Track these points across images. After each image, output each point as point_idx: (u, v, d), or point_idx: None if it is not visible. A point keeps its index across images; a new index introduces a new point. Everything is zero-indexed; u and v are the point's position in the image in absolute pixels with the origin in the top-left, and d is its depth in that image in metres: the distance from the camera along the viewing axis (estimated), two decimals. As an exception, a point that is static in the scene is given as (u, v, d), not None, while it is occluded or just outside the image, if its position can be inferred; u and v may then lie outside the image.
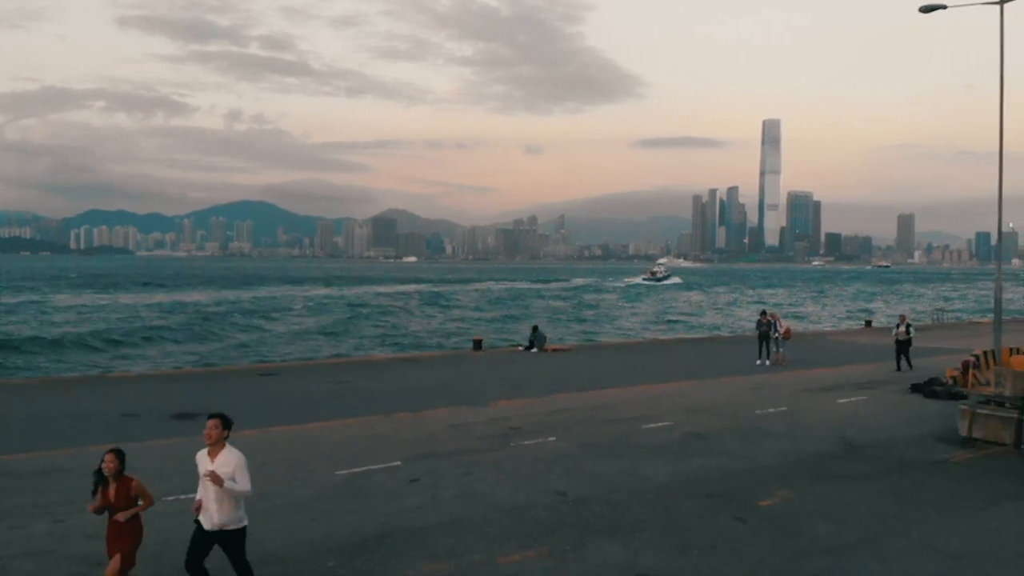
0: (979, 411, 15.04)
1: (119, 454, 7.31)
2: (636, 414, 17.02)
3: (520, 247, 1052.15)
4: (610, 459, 13.34)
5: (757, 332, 26.50)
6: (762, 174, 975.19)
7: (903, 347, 23.37)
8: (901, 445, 14.65)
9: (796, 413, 17.36)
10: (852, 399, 19.19)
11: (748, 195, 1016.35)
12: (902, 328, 23.68)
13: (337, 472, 12.31)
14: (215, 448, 7.16)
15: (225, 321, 58.14)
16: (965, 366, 20.30)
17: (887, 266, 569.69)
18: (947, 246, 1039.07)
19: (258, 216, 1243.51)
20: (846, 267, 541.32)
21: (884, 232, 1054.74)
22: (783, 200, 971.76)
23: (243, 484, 7.06)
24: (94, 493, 7.28)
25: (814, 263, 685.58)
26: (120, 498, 7.19)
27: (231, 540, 7.18)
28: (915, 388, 20.08)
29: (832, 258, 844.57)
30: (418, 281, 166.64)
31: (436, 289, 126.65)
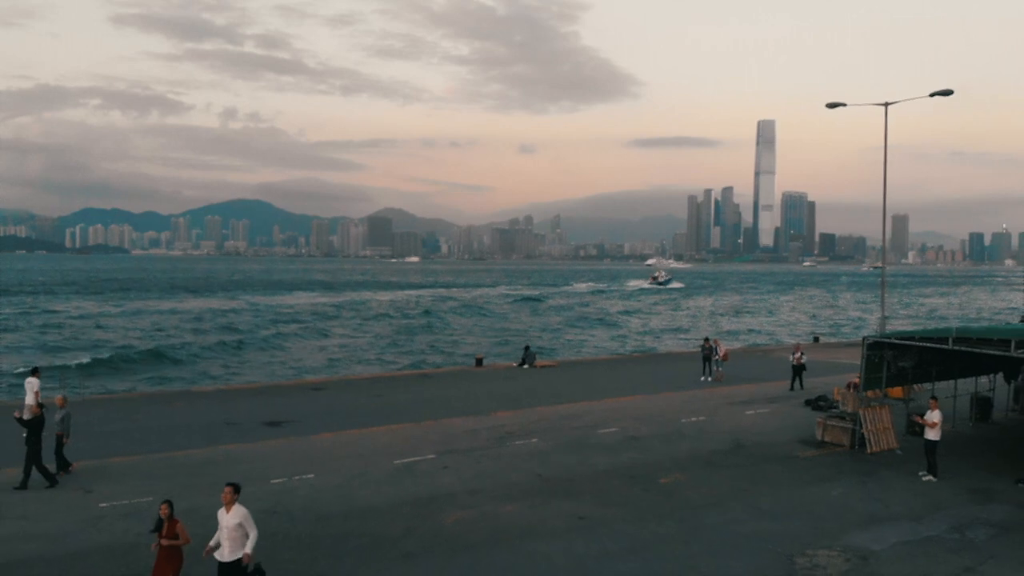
0: (828, 422, 21.78)
1: (170, 504, 11.04)
2: (594, 422, 23.71)
3: (516, 246, 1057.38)
4: (571, 453, 20.04)
5: (702, 353, 33.20)
6: (757, 174, 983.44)
7: (797, 371, 29.97)
8: (773, 445, 21.35)
9: (711, 421, 24.07)
10: (758, 411, 25.91)
11: (743, 195, 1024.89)
12: (797, 355, 30.31)
13: (395, 461, 18.99)
14: (229, 505, 10.74)
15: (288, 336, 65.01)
16: (850, 386, 26.91)
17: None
18: (941, 247, 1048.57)
19: (253, 215, 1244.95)
20: (842, 268, 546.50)
21: (878, 232, 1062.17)
22: (777, 200, 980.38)
23: (253, 532, 10.70)
24: (153, 531, 11.10)
25: (805, 264, 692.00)
26: (169, 534, 10.84)
27: (238, 565, 10.74)
28: (807, 403, 26.74)
29: (826, 258, 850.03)
30: (448, 286, 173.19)
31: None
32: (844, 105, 30.32)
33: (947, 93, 27.58)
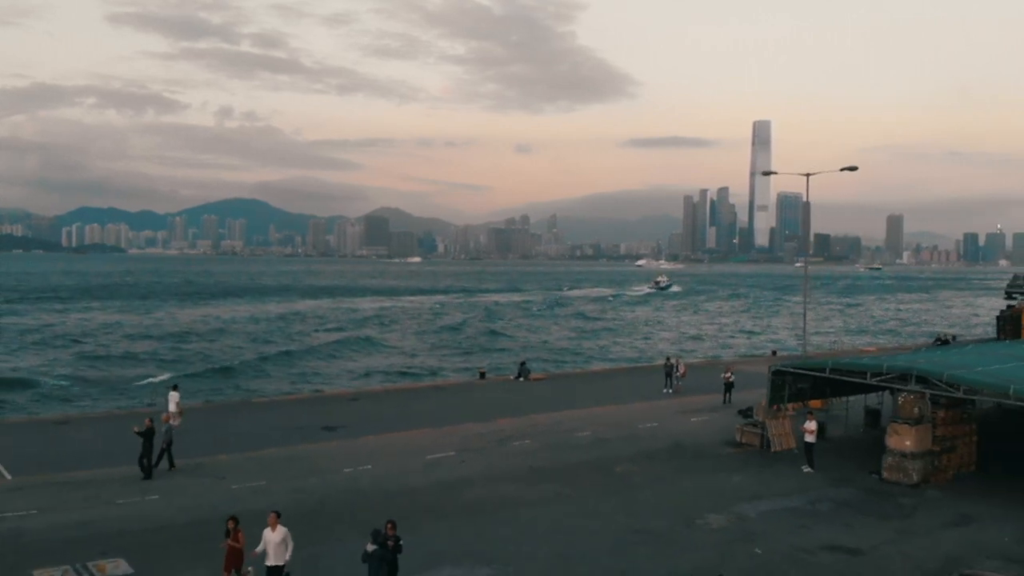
0: (745, 428, 29.26)
1: (236, 520, 15.21)
2: (574, 427, 31.14)
3: (512, 246, 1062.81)
4: (555, 451, 27.49)
5: (664, 370, 40.69)
6: (752, 175, 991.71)
7: (728, 387, 37.29)
8: (703, 445, 28.80)
9: (662, 427, 31.52)
10: (701, 418, 33.37)
11: (738, 195, 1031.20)
12: (728, 374, 37.64)
13: (426, 457, 26.41)
14: (274, 526, 14.94)
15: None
16: (775, 398, 34.26)
17: (880, 268, 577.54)
18: (935, 247, 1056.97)
19: (250, 214, 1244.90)
20: (838, 269, 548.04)
21: (873, 232, 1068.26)
22: (773, 201, 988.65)
23: (291, 545, 15.00)
24: (226, 536, 15.24)
25: (797, 264, 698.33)
26: (235, 541, 15.13)
27: (281, 570, 15.05)
28: (740, 412, 34.10)
29: (820, 259, 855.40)
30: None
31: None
32: (776, 173, 37.77)
33: (853, 169, 35.00)
